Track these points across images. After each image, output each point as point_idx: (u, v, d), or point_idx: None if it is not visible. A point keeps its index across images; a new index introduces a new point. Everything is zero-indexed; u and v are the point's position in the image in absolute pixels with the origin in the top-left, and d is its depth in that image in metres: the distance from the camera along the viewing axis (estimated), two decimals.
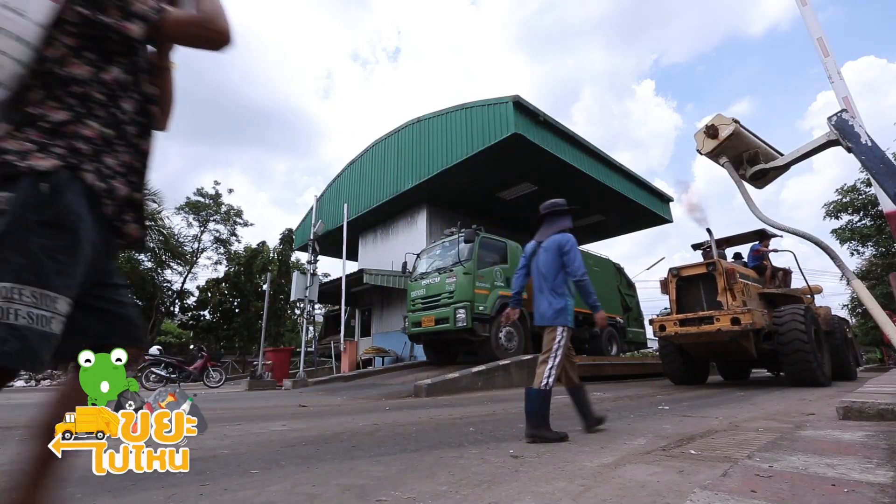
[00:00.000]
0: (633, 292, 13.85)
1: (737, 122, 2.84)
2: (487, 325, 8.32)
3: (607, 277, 12.24)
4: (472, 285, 8.41)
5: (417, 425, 3.53)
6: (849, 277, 2.54)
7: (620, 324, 12.02)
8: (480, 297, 8.48)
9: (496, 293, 8.70)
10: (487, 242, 9.24)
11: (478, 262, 8.69)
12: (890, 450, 2.05)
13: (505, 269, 9.16)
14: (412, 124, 13.45)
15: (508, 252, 9.48)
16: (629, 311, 13.05)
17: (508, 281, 8.58)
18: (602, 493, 1.61)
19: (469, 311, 8.21)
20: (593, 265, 11.33)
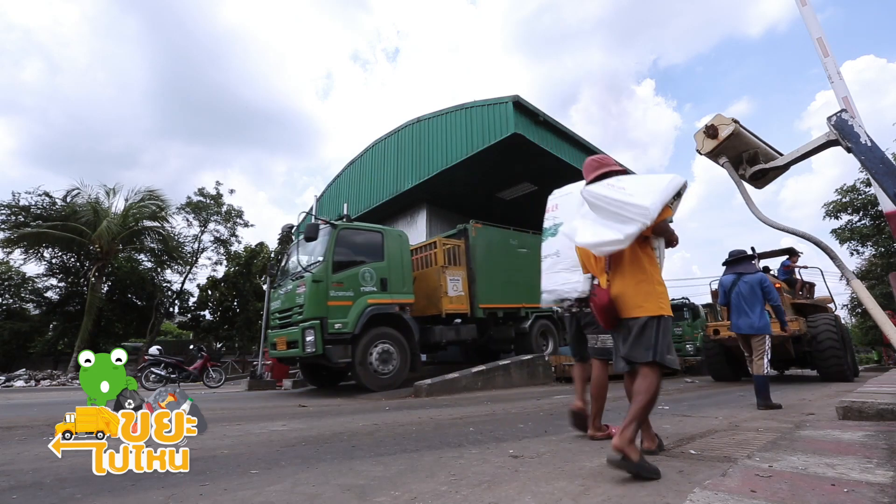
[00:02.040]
0: None
1: (736, 122, 2.84)
2: (349, 347, 6.40)
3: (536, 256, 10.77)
4: (325, 296, 6.40)
5: (417, 425, 3.53)
6: (848, 277, 2.54)
7: (559, 313, 10.74)
8: (338, 310, 6.45)
9: (363, 302, 6.67)
10: (350, 235, 7.12)
11: (336, 263, 6.67)
12: (889, 450, 2.05)
13: (379, 267, 7.03)
14: (412, 124, 13.44)
15: (385, 243, 7.30)
16: None
17: (385, 283, 6.94)
18: (602, 493, 1.61)
19: (318, 332, 6.22)
20: (518, 246, 9.78)
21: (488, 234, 9.34)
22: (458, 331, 8.28)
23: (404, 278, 7.39)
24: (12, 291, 20.81)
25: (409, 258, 7.81)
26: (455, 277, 8.27)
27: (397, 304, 7.09)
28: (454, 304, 8.03)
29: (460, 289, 8.21)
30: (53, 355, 20.05)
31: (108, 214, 16.91)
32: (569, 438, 2.81)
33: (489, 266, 8.84)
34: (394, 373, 6.81)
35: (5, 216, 17.02)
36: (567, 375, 9.43)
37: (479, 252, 8.72)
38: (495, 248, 9.18)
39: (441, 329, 8.05)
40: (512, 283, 9.16)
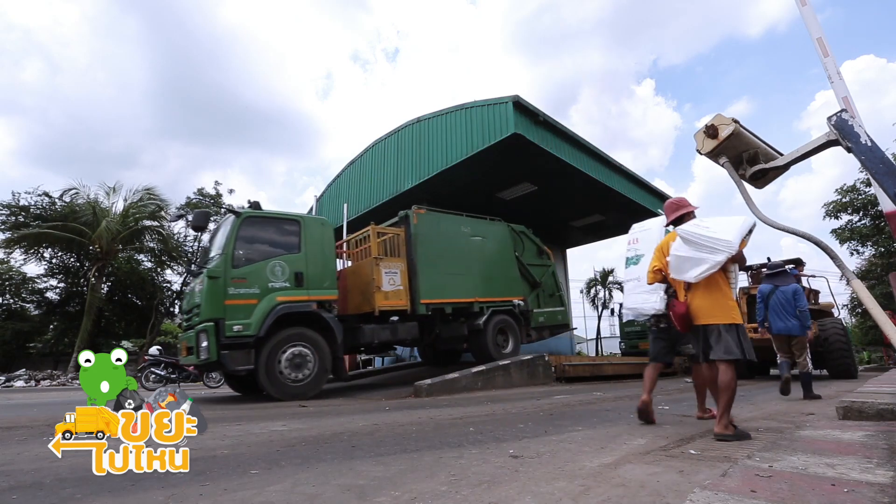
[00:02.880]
0: (546, 261, 10.75)
1: (736, 122, 2.84)
2: (251, 352, 5.60)
3: (497, 246, 9.42)
4: (223, 294, 5.62)
5: (417, 425, 3.53)
6: (848, 277, 2.53)
7: (520, 307, 9.17)
8: (238, 310, 5.66)
9: (271, 300, 5.88)
10: (258, 224, 6.27)
11: (238, 256, 5.89)
12: (889, 450, 2.05)
13: (294, 260, 6.22)
14: (412, 124, 13.43)
15: (304, 233, 6.48)
16: (538, 287, 10.04)
17: (300, 278, 6.17)
18: (602, 493, 1.61)
19: (212, 336, 5.45)
20: (470, 234, 8.84)
21: (434, 220, 8.44)
22: (395, 330, 7.36)
23: (326, 272, 6.55)
24: (12, 291, 20.80)
25: (333, 249, 6.89)
26: (392, 270, 7.39)
27: (316, 301, 6.28)
28: (390, 299, 7.20)
29: (398, 282, 7.38)
30: (53, 355, 20.06)
31: (107, 214, 16.92)
32: (569, 438, 2.81)
33: (435, 256, 8.03)
34: (309, 379, 5.99)
35: (5, 216, 17.02)
36: (567, 375, 9.44)
37: (423, 241, 7.91)
38: (444, 236, 8.35)
39: (373, 328, 7.09)
40: (464, 276, 8.43)
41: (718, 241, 2.73)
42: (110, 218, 16.64)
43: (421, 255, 7.80)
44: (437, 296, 7.85)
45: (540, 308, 9.92)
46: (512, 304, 9.08)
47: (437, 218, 8.52)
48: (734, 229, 2.79)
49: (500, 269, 9.25)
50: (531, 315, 9.52)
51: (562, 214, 15.24)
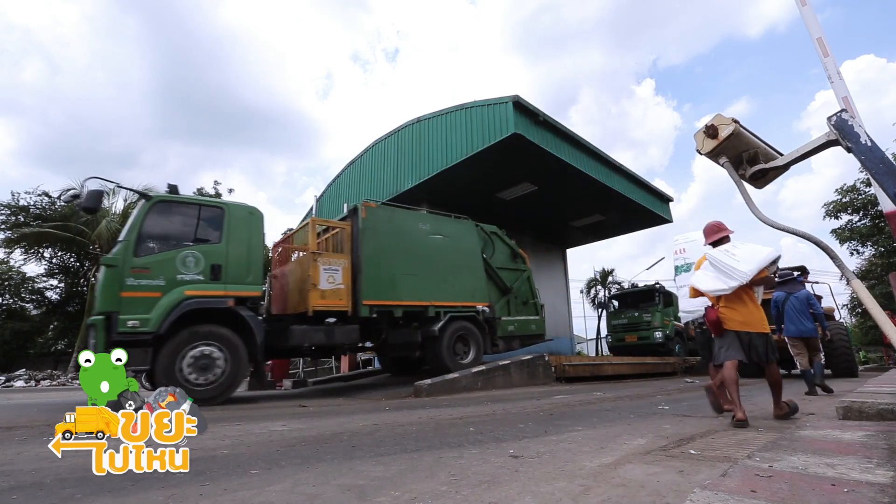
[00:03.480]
0: (521, 265, 9.96)
1: (736, 122, 2.84)
2: (149, 352, 5.04)
3: (462, 246, 8.64)
4: (118, 285, 5.06)
5: (417, 425, 3.53)
6: (848, 277, 2.54)
7: (485, 314, 8.47)
8: (135, 303, 5.07)
9: (178, 293, 5.30)
10: (172, 210, 5.72)
11: (143, 244, 5.32)
12: (890, 450, 2.05)
13: (212, 251, 5.67)
14: (412, 124, 13.44)
15: (227, 223, 5.90)
16: (508, 294, 9.24)
17: (217, 271, 5.60)
18: (602, 493, 1.61)
19: (101, 332, 4.93)
20: (429, 232, 8.16)
21: (387, 215, 7.84)
22: (331, 332, 6.62)
23: (250, 266, 5.95)
24: (12, 291, 20.81)
25: (261, 241, 6.33)
26: (333, 267, 6.82)
27: (234, 297, 5.67)
28: (327, 299, 6.64)
29: (339, 281, 6.81)
30: (53, 355, 20.06)
31: (107, 214, 16.92)
32: (569, 438, 2.81)
33: (385, 254, 7.41)
34: (219, 383, 5.36)
35: (5, 216, 17.02)
36: (567, 375, 9.44)
37: (371, 238, 7.31)
38: (397, 233, 7.75)
39: (304, 330, 6.42)
40: (419, 277, 7.77)
41: (736, 270, 3.29)
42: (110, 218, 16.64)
43: (367, 252, 7.18)
44: (384, 297, 7.24)
45: (510, 316, 9.19)
46: (475, 311, 8.37)
47: (390, 213, 7.96)
48: (755, 260, 3.28)
49: (464, 271, 8.52)
50: (499, 323, 8.81)
51: (562, 214, 15.25)
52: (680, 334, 15.26)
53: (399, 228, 7.81)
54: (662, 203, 16.04)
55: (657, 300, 15.01)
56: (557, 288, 18.15)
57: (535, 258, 17.35)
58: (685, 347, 15.42)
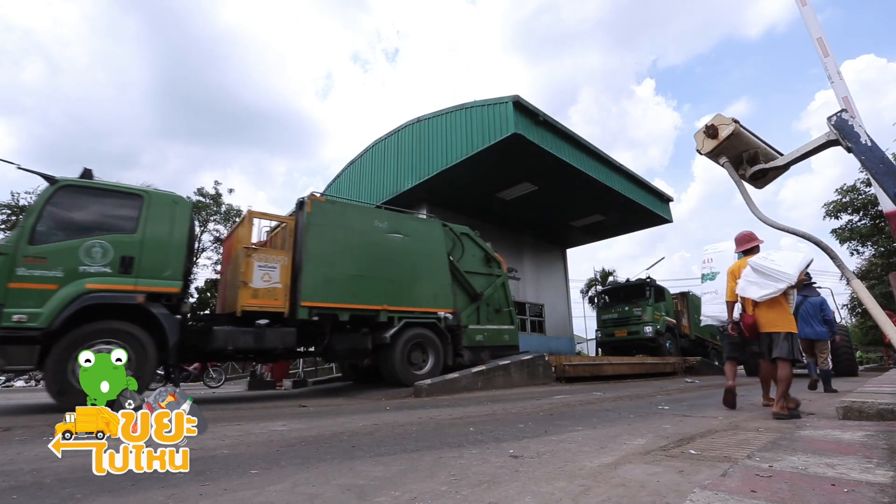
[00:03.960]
0: (495, 270, 9.26)
1: (736, 122, 2.84)
2: (36, 349, 4.60)
3: (425, 247, 8.07)
4: (6, 275, 4.66)
5: (417, 425, 3.53)
6: (848, 277, 2.54)
7: (447, 321, 7.85)
8: (26, 295, 4.68)
9: (78, 286, 4.86)
10: (81, 196, 5.24)
11: (40, 230, 4.91)
12: (890, 450, 2.05)
13: (124, 241, 5.20)
14: (412, 124, 13.45)
15: (146, 212, 5.44)
16: (478, 300, 8.55)
17: (128, 263, 5.15)
18: (602, 493, 1.61)
19: None
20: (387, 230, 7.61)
21: (338, 211, 7.32)
22: (261, 335, 6.05)
23: (169, 259, 5.49)
24: None
25: (185, 233, 5.74)
26: (270, 265, 6.32)
27: (146, 292, 5.18)
28: (260, 298, 6.15)
29: (276, 279, 6.32)
30: None
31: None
32: (569, 438, 2.81)
33: (333, 253, 6.88)
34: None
35: (5, 216, 17.01)
36: (567, 375, 9.44)
37: (317, 234, 6.78)
38: (348, 230, 7.19)
39: (228, 332, 5.87)
40: (371, 278, 7.20)
41: (782, 273, 3.55)
42: None
43: (310, 250, 6.64)
44: (327, 299, 6.66)
45: (480, 324, 8.50)
46: (436, 317, 7.72)
47: (341, 208, 7.48)
48: (794, 264, 3.59)
49: (425, 274, 7.91)
50: (465, 332, 8.15)
51: (562, 214, 15.26)
52: (671, 330, 14.93)
53: (351, 225, 7.26)
54: (662, 203, 16.05)
55: (648, 294, 14.64)
56: (557, 288, 18.17)
57: (535, 258, 17.40)
58: (676, 343, 15.12)
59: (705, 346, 17.39)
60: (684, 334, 16.10)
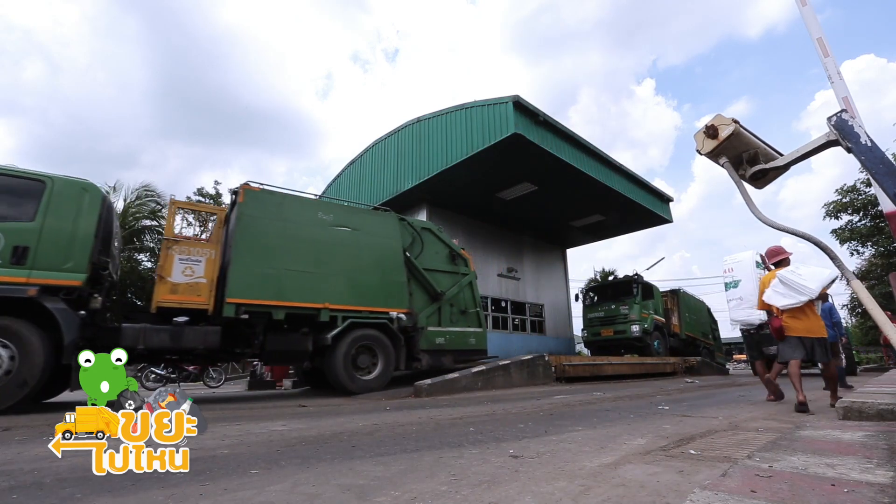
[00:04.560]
0: (462, 268, 8.73)
1: (736, 122, 2.84)
2: None
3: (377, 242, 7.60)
4: None
5: (417, 425, 3.53)
6: (848, 277, 2.54)
7: (401, 321, 7.28)
8: None
9: None
10: None
11: None
12: (890, 450, 2.05)
13: (19, 230, 4.85)
14: (412, 124, 13.45)
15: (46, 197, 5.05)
16: (440, 300, 8.02)
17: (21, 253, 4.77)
18: (602, 493, 1.61)
19: None
20: (332, 224, 7.19)
21: (275, 202, 6.78)
22: (177, 334, 5.58)
23: (73, 250, 5.07)
24: None
25: (93, 223, 5.29)
26: (193, 258, 5.92)
27: (41, 285, 4.80)
28: (180, 294, 5.75)
29: (200, 274, 5.91)
30: None
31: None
32: (569, 438, 2.81)
33: (268, 247, 6.43)
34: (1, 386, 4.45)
35: None
36: (567, 375, 9.44)
37: (249, 226, 6.35)
38: (287, 222, 6.73)
39: (139, 329, 5.41)
40: (312, 274, 6.71)
41: (805, 287, 4.09)
42: None
43: (241, 243, 6.21)
44: (259, 295, 6.17)
45: (441, 326, 7.93)
46: (387, 317, 7.17)
47: (279, 199, 6.89)
48: (819, 280, 4.12)
49: (376, 270, 7.39)
50: (422, 333, 7.61)
51: (562, 214, 15.26)
52: (660, 328, 14.48)
53: (290, 217, 6.79)
54: (662, 203, 16.05)
55: (635, 292, 14.17)
56: (557, 288, 18.16)
57: (535, 258, 17.40)
58: (665, 343, 14.68)
59: (696, 345, 17.11)
60: (674, 333, 15.73)
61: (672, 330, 15.58)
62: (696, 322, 17.79)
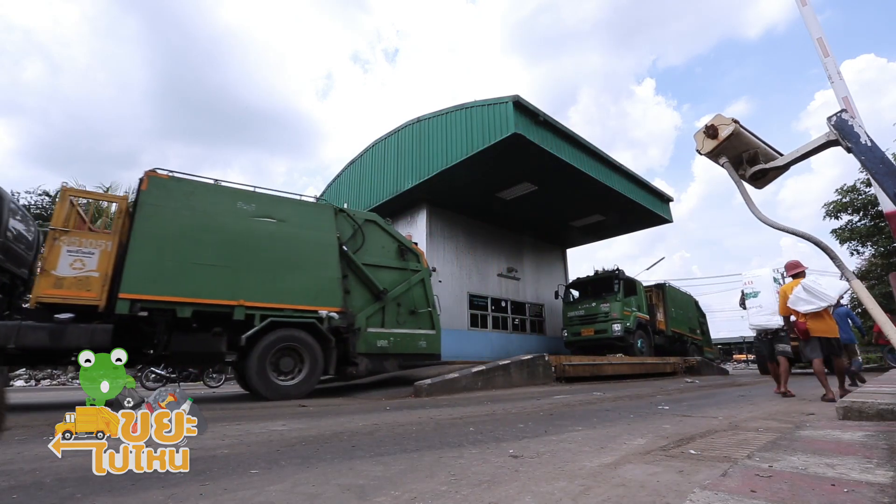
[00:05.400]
0: (413, 265, 8.11)
1: (736, 122, 2.84)
2: None
3: (307, 235, 7.02)
4: None
5: (417, 425, 3.53)
6: (848, 277, 2.53)
7: (332, 321, 6.73)
8: None
9: None
10: None
11: None
12: (890, 450, 2.05)
13: None
14: (412, 124, 13.46)
15: None
16: (384, 299, 7.46)
17: None
18: (602, 493, 1.61)
19: None
20: (253, 214, 6.65)
21: (183, 190, 6.22)
22: (59, 332, 5.10)
23: None
24: None
25: None
26: (85, 250, 5.49)
27: None
28: (66, 289, 5.32)
29: (91, 267, 5.47)
30: None
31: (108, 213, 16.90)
32: (569, 438, 2.81)
33: (175, 238, 5.94)
34: None
35: None
36: (567, 375, 9.44)
37: (152, 215, 5.88)
38: (198, 213, 6.21)
39: (14, 327, 4.92)
40: (228, 269, 6.18)
41: (826, 295, 5.05)
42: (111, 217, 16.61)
43: (139, 233, 5.74)
44: (159, 291, 5.66)
45: (385, 328, 7.36)
46: (316, 316, 6.58)
47: (189, 187, 6.32)
48: (836, 289, 5.20)
49: (305, 266, 6.80)
50: (360, 335, 7.03)
51: (562, 214, 15.26)
52: (643, 326, 13.65)
53: (202, 207, 6.26)
54: (662, 203, 16.05)
55: (616, 288, 13.32)
56: None
57: (535, 258, 17.40)
58: (649, 341, 13.85)
59: (683, 341, 16.41)
60: (659, 330, 14.92)
61: (657, 327, 14.81)
62: (683, 317, 17.04)
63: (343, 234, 7.43)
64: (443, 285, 13.39)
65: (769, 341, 6.52)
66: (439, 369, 8.34)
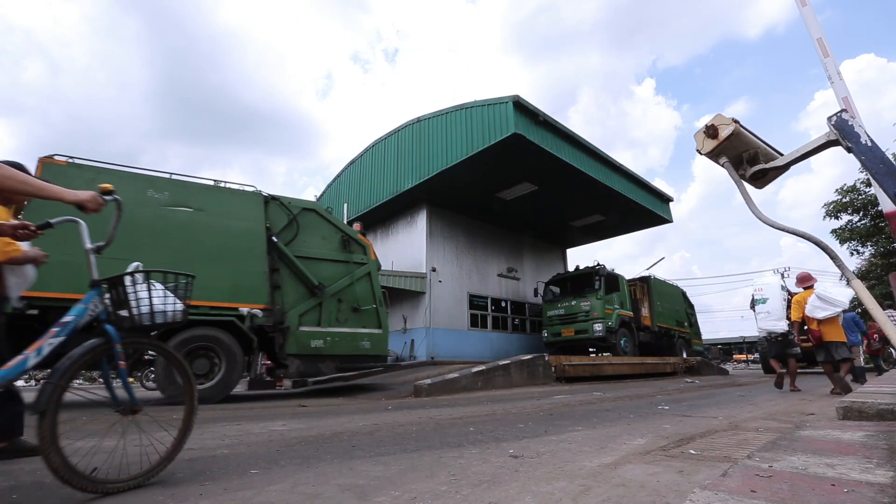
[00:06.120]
0: (357, 257, 7.53)
1: (736, 122, 2.84)
2: None
3: (229, 225, 6.46)
4: None
5: (417, 425, 3.53)
6: (849, 277, 2.53)
7: (256, 319, 6.25)
8: None
9: None
10: None
11: None
12: (890, 450, 2.05)
13: None
14: (412, 124, 13.46)
15: None
16: (320, 294, 6.89)
17: None
18: (602, 493, 1.61)
19: None
20: (167, 203, 6.14)
21: (82, 177, 5.67)
22: None
23: None
24: None
25: None
26: None
27: None
28: None
29: None
30: None
31: None
32: (569, 438, 2.81)
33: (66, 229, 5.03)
34: None
35: None
36: (567, 375, 9.44)
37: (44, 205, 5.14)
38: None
39: None
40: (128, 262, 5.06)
41: (839, 302, 5.74)
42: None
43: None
44: (50, 287, 5.16)
45: (321, 326, 6.80)
46: (236, 314, 6.10)
47: (90, 174, 5.80)
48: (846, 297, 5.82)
49: (225, 258, 6.23)
50: (291, 334, 6.49)
51: (562, 214, 15.27)
52: (627, 324, 12.94)
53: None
54: (662, 203, 16.05)
55: (597, 285, 12.55)
56: None
57: (535, 258, 17.40)
58: (633, 340, 13.17)
59: (671, 335, 15.61)
60: (645, 326, 14.15)
61: (642, 323, 14.06)
62: (670, 310, 16.19)
63: (275, 224, 6.81)
64: (443, 285, 13.39)
65: (779, 343, 7.16)
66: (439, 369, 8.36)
